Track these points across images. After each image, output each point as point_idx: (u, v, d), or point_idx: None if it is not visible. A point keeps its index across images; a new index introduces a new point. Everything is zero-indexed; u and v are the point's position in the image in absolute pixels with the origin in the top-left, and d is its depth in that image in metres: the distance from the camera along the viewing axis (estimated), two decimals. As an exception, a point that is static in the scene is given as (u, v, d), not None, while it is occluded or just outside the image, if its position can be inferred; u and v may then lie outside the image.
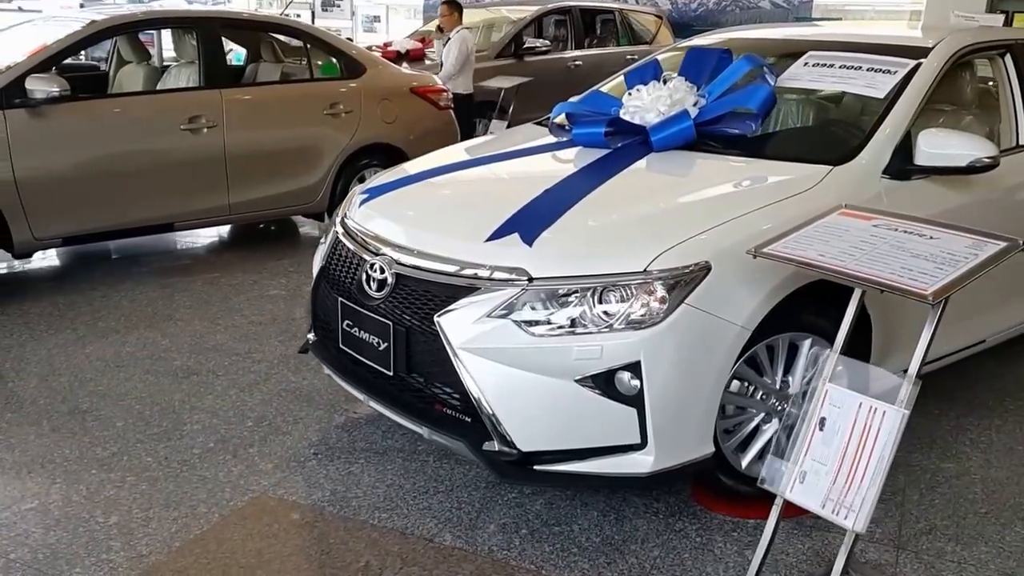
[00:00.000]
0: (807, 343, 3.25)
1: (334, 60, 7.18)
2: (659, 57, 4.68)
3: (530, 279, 3.01)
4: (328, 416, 4.07)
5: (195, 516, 3.30)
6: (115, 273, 6.20)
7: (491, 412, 3.00)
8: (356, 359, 3.48)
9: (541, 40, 11.85)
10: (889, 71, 3.85)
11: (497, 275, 3.05)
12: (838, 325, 3.18)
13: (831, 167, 3.46)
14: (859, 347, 3.44)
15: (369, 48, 11.81)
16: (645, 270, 2.94)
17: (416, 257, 3.25)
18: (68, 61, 7.52)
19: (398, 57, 11.03)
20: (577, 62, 11.75)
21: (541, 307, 2.98)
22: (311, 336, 3.87)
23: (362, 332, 3.40)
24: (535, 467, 3.05)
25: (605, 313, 2.94)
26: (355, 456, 3.72)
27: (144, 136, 5.96)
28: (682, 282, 2.94)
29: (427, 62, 11.03)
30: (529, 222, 3.20)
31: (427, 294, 3.17)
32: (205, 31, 6.34)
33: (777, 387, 3.27)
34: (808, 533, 3.24)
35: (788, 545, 3.18)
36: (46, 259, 6.66)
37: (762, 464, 2.87)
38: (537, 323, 2.97)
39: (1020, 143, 4.23)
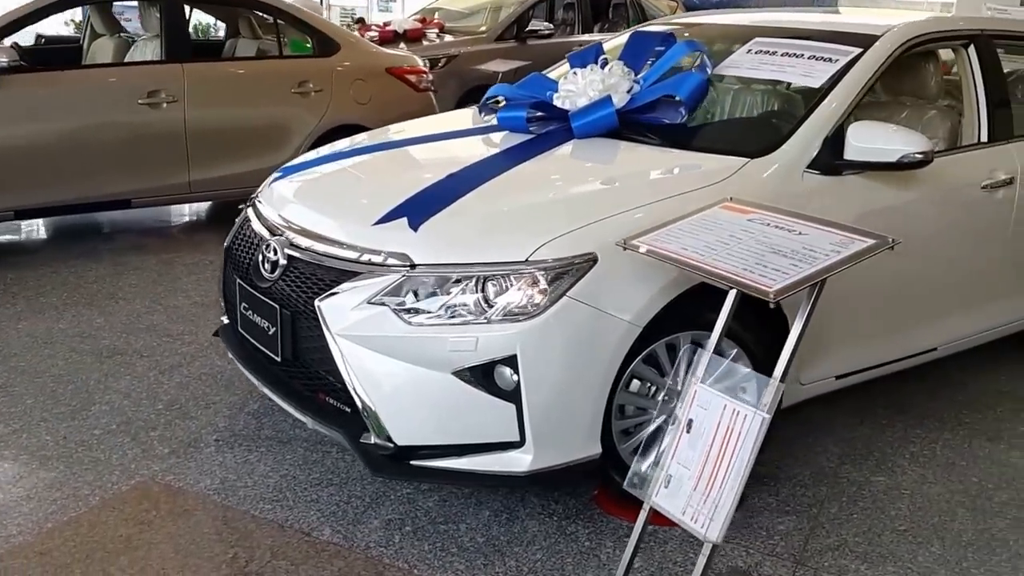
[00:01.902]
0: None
1: (306, 37, 7.04)
2: (608, 44, 4.51)
3: (412, 265, 2.88)
4: (242, 402, 3.95)
5: (76, 498, 3.20)
6: (73, 248, 6.14)
7: (368, 403, 2.88)
8: (253, 344, 3.37)
9: (545, 23, 11.62)
10: (830, 59, 3.66)
11: (378, 260, 2.92)
12: (745, 325, 3.05)
13: (748, 159, 3.29)
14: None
15: (369, 27, 11.73)
16: (526, 260, 2.80)
17: (307, 239, 3.14)
18: (53, 33, 7.51)
19: (395, 37, 10.88)
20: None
21: (420, 295, 2.85)
22: (224, 319, 3.77)
23: (256, 316, 3.29)
24: (412, 462, 2.92)
25: (484, 304, 2.81)
26: (257, 444, 3.61)
27: (99, 110, 5.85)
28: (565, 274, 2.79)
29: (425, 43, 10.88)
30: (420, 207, 3.06)
31: (313, 277, 3.05)
32: (168, 4, 6.21)
33: (679, 388, 3.11)
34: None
35: (680, 554, 3.03)
36: (9, 232, 6.61)
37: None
38: (415, 311, 2.84)
39: (981, 139, 4.01)
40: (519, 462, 2.87)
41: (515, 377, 2.79)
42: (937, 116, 4.16)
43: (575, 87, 3.90)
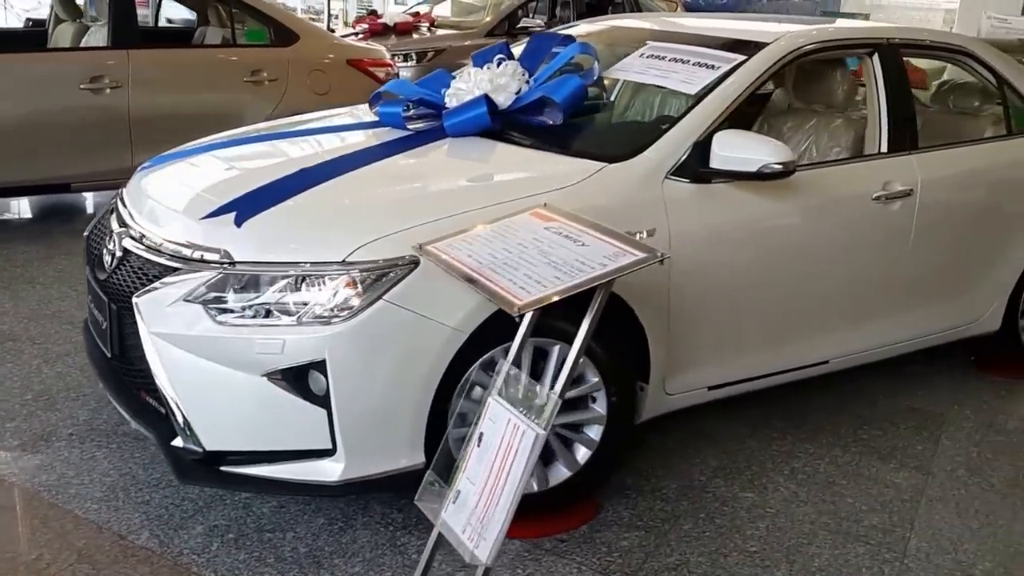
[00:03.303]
0: (555, 350, 2.96)
1: (264, 26, 6.98)
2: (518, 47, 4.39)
3: (232, 263, 2.79)
4: (114, 395, 3.88)
5: (-98, 492, 3.16)
6: (20, 230, 6.17)
7: (176, 404, 2.80)
8: (94, 338, 3.31)
9: (536, 20, 11.55)
10: (712, 66, 3.53)
11: (196, 255, 2.84)
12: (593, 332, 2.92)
13: (605, 164, 3.17)
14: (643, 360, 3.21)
15: (361, 17, 11.70)
16: (343, 261, 2.71)
17: (141, 232, 3.07)
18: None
19: (385, 30, 10.86)
20: (577, 45, 11.38)
21: (235, 293, 2.76)
22: (92, 309, 3.71)
23: (95, 308, 3.23)
24: (221, 468, 2.84)
25: (296, 304, 2.72)
26: (110, 440, 3.53)
27: (40, 94, 5.88)
28: (383, 277, 2.69)
29: (414, 35, 10.85)
30: (252, 203, 2.98)
31: (139, 272, 2.98)
32: (116, -11, 6.20)
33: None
34: (538, 558, 2.98)
35: (508, 570, 2.92)
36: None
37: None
38: (227, 311, 2.75)
39: (881, 150, 3.86)
40: (330, 471, 2.78)
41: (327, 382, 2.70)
42: (843, 125, 4.02)
43: (465, 86, 3.80)
